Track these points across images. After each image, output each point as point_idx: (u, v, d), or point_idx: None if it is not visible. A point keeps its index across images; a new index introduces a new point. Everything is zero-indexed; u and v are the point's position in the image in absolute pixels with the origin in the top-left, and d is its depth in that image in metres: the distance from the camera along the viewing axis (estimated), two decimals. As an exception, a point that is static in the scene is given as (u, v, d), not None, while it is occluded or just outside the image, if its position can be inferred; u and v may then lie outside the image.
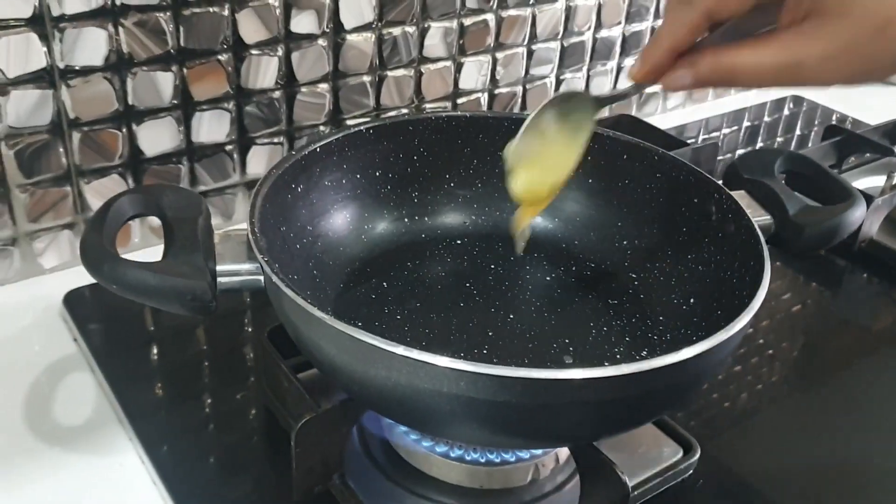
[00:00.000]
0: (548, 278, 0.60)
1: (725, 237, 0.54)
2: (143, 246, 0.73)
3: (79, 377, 0.61)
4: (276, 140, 0.76)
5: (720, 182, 0.56)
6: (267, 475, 0.54)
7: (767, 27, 0.41)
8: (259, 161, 0.75)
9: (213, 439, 0.56)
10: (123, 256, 0.45)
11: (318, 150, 0.57)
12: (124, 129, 0.68)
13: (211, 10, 0.67)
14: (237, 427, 0.57)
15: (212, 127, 0.72)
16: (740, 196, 0.56)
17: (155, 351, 0.63)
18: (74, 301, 0.66)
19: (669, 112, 1.08)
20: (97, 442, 0.56)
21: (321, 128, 0.78)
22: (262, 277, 0.47)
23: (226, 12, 0.68)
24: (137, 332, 0.65)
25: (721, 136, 1.06)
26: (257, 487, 0.53)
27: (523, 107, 0.93)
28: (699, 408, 0.60)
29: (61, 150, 0.66)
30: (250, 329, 0.66)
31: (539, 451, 0.50)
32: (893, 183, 0.83)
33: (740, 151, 1.02)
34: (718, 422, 0.59)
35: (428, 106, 0.84)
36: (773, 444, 0.58)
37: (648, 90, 1.03)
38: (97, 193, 0.68)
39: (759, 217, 0.55)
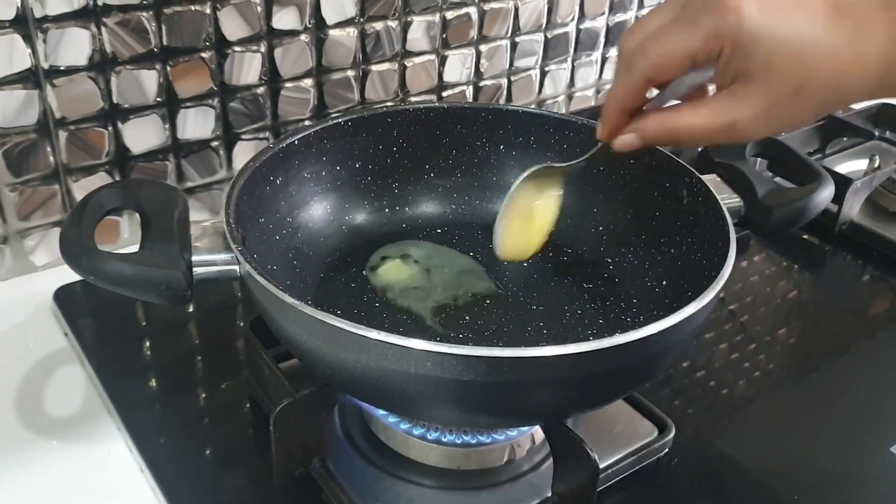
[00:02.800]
0: (525, 265, 0.61)
1: (696, 220, 0.55)
2: (132, 242, 0.74)
3: (69, 371, 0.62)
4: (261, 135, 0.77)
5: (692, 167, 0.57)
6: (251, 462, 0.55)
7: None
8: (245, 156, 0.76)
9: (199, 429, 0.57)
10: (103, 249, 0.46)
11: (296, 142, 0.58)
12: (110, 128, 0.69)
13: (193, 8, 0.68)
14: (224, 417, 0.58)
15: (197, 123, 0.73)
16: (711, 179, 0.57)
17: (144, 345, 0.65)
18: (65, 297, 0.67)
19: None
20: (87, 432, 0.57)
21: (306, 122, 0.79)
22: (237, 267, 0.48)
23: (207, 10, 0.69)
24: (127, 326, 0.66)
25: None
26: (242, 473, 0.54)
27: (509, 99, 0.94)
28: (677, 389, 0.61)
29: (49, 149, 0.67)
30: (240, 323, 0.67)
31: (513, 432, 0.52)
32: (875, 166, 0.84)
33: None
34: (695, 403, 0.60)
35: (413, 99, 0.86)
36: (749, 425, 0.59)
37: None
38: (85, 191, 0.69)
39: (729, 199, 0.56)
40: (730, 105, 0.43)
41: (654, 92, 0.48)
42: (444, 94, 0.88)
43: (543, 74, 0.95)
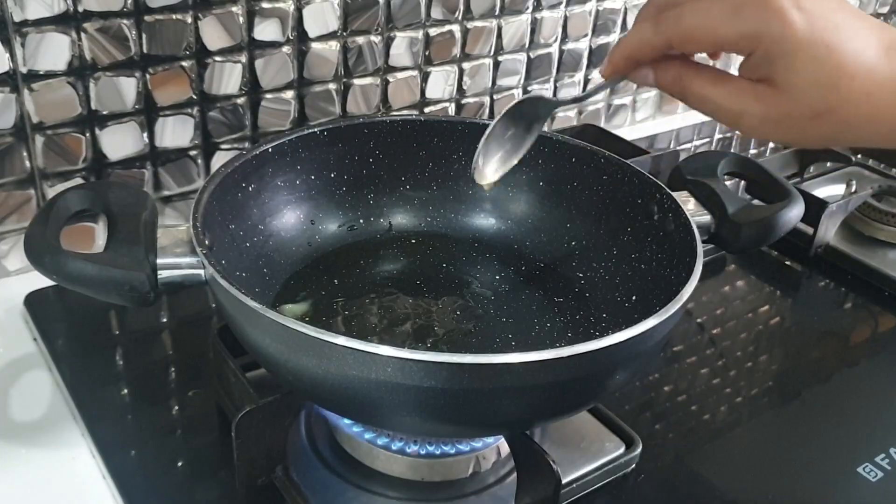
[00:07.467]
0: (497, 277, 0.61)
1: (666, 235, 0.55)
2: (108, 249, 0.74)
3: (37, 375, 0.62)
4: (240, 146, 0.77)
5: (664, 183, 0.58)
6: (215, 470, 0.54)
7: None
8: (224, 166, 0.77)
9: (165, 438, 0.57)
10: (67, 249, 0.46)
11: (269, 150, 0.58)
12: (88, 134, 0.69)
13: (174, 16, 0.68)
14: (190, 426, 0.58)
15: (175, 132, 0.73)
16: (683, 196, 0.57)
17: (114, 352, 0.64)
18: (35, 302, 0.67)
19: (638, 124, 1.10)
20: (52, 438, 0.56)
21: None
22: (203, 271, 0.47)
23: (189, 19, 0.69)
24: (97, 333, 0.66)
25: (692, 148, 1.07)
26: (205, 481, 0.54)
27: (491, 117, 0.94)
28: (657, 413, 0.61)
29: (25, 153, 0.67)
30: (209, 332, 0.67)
31: (478, 444, 0.51)
32: (852, 190, 0.84)
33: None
34: (671, 424, 0.60)
35: (395, 114, 0.86)
36: (720, 446, 0.59)
37: (617, 102, 1.05)
38: (61, 196, 0.70)
39: (699, 216, 0.56)
40: (747, 95, 0.41)
41: None
42: (427, 110, 0.88)
43: (525, 94, 0.96)
